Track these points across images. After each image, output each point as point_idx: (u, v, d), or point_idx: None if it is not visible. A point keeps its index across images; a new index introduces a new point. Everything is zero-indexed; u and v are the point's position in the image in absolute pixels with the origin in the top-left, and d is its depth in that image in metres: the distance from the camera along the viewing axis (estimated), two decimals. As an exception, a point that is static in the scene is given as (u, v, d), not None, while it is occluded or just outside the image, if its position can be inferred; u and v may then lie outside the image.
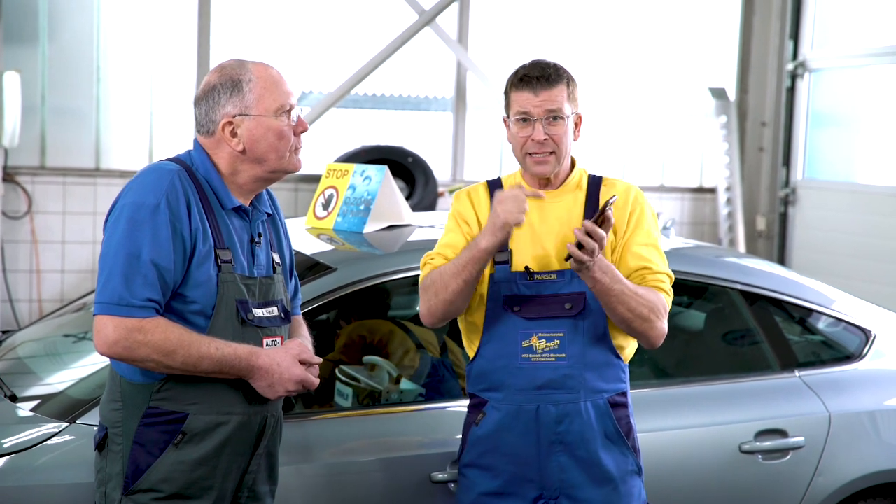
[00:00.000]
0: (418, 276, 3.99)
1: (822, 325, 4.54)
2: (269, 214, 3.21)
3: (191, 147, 3.13)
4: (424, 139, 9.38)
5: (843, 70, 9.75)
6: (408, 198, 8.43)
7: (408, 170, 8.69)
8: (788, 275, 4.72)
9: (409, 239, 4.38)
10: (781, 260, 10.03)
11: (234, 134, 3.03)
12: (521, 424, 3.32)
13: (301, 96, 8.97)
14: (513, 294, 3.30)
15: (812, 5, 9.89)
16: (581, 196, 3.39)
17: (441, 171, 9.33)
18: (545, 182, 3.38)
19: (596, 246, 3.08)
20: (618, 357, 3.36)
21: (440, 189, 8.95)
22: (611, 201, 3.14)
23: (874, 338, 4.46)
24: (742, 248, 9.64)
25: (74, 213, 8.25)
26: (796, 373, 4.29)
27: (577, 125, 3.37)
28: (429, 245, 4.32)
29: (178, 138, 8.54)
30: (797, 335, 4.50)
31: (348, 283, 3.85)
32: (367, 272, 3.92)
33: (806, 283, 4.58)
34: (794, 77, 10.02)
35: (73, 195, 8.24)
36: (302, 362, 3.05)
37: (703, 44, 10.10)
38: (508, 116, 3.36)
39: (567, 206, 3.37)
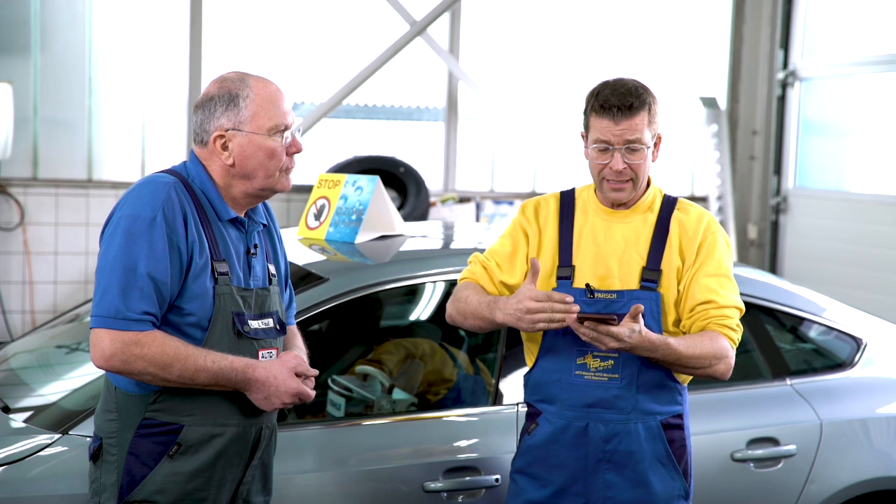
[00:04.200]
0: (410, 286, 4.00)
1: (813, 333, 4.55)
2: (264, 225, 3.20)
3: (185, 158, 3.12)
4: (416, 149, 9.40)
5: (833, 79, 9.78)
6: (399, 208, 8.44)
7: (399, 180, 8.70)
8: (780, 283, 4.73)
9: (401, 249, 4.38)
10: (773, 268, 10.05)
11: (224, 147, 3.02)
12: (570, 439, 3.32)
13: (293, 107, 8.97)
14: None
15: (802, 14, 9.93)
16: (651, 218, 3.35)
17: (433, 182, 9.34)
18: (619, 202, 3.36)
19: (604, 343, 3.07)
20: (674, 380, 3.34)
21: (432, 199, 8.96)
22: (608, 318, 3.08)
23: (865, 346, 4.47)
24: (734, 256, 9.65)
25: (67, 224, 8.24)
26: (788, 381, 4.29)
27: (656, 145, 3.33)
28: (421, 255, 4.34)
29: (169, 150, 8.54)
30: (789, 343, 4.51)
31: (340, 293, 3.85)
32: (358, 282, 3.92)
33: (797, 292, 4.59)
34: (784, 86, 10.05)
35: (66, 206, 8.24)
36: (298, 374, 3.05)
37: (694, 53, 10.13)
38: (587, 138, 3.32)
39: (635, 227, 3.34)
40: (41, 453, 3.36)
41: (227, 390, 2.97)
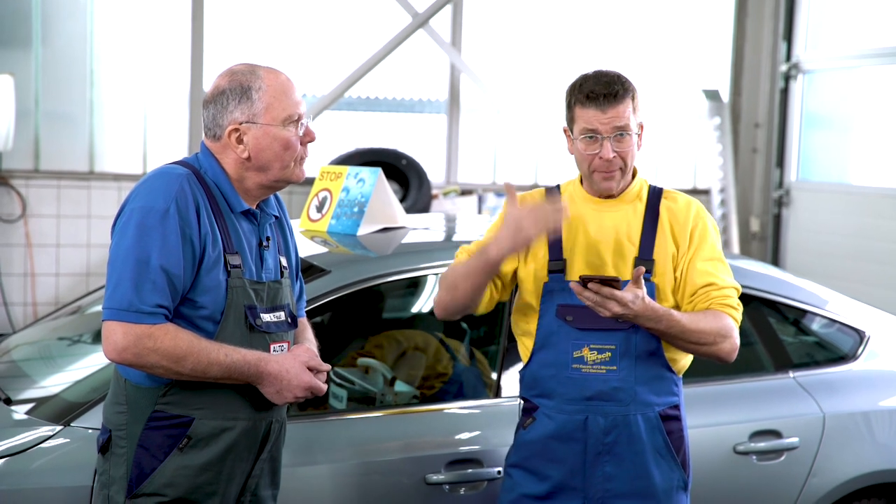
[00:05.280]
0: (412, 278, 3.99)
1: (816, 326, 4.55)
2: (276, 217, 3.19)
3: (188, 150, 3.11)
4: (418, 142, 9.39)
5: (836, 71, 9.77)
6: (402, 200, 8.44)
7: (402, 172, 8.70)
8: (782, 276, 4.73)
9: (403, 241, 4.38)
10: (775, 261, 10.05)
11: (239, 141, 3.00)
12: (568, 433, 3.30)
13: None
14: (566, 304, 3.25)
15: (805, 7, 9.91)
16: (640, 207, 3.34)
17: (435, 174, 9.34)
18: (608, 193, 3.35)
19: (608, 307, 3.03)
20: (671, 370, 3.32)
21: (434, 191, 8.96)
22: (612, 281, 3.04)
23: (868, 338, 4.47)
24: (736, 249, 9.66)
25: (68, 216, 8.25)
26: (790, 374, 4.29)
27: (639, 135, 3.32)
28: (423, 247, 4.34)
29: (171, 142, 8.53)
30: (791, 336, 4.51)
31: (342, 285, 3.85)
32: (361, 274, 3.92)
33: (800, 284, 4.59)
34: (787, 78, 10.04)
35: (67, 199, 8.24)
36: (310, 369, 3.04)
37: (697, 46, 10.12)
38: (571, 131, 3.30)
39: (626, 216, 3.33)
40: (43, 445, 3.35)
41: (239, 383, 2.97)
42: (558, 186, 3.46)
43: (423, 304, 5.10)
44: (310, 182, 5.19)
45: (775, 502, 4.10)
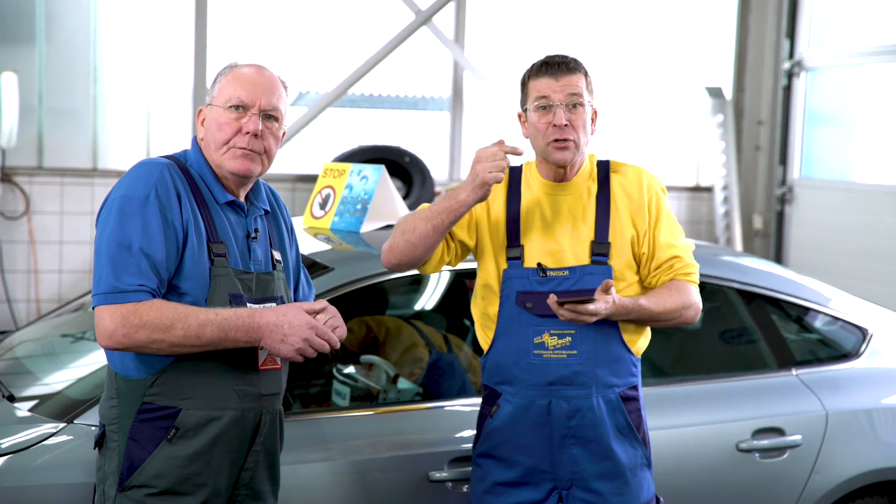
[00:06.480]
0: (415, 275, 4.00)
1: (818, 323, 4.54)
2: (266, 211, 3.20)
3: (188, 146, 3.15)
4: (421, 139, 9.38)
5: (839, 68, 9.76)
6: (405, 197, 8.44)
7: (405, 169, 8.70)
8: (785, 273, 4.73)
9: (407, 238, 4.37)
10: (778, 258, 10.04)
11: (203, 123, 3.09)
12: (533, 418, 3.34)
13: (298, 96, 8.97)
14: (525, 290, 3.30)
15: (808, 4, 9.90)
16: (594, 188, 3.38)
17: (438, 171, 9.33)
18: (560, 174, 3.37)
19: (583, 320, 3.18)
20: (629, 352, 3.38)
21: (437, 188, 8.95)
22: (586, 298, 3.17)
23: (871, 336, 4.47)
24: (739, 246, 9.66)
25: (72, 213, 8.24)
26: (793, 371, 4.29)
27: (592, 120, 3.37)
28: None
29: (175, 138, 8.54)
30: (794, 333, 4.50)
31: (345, 282, 3.86)
32: (364, 272, 3.92)
33: (803, 282, 4.59)
34: (790, 76, 10.03)
35: (71, 195, 8.24)
36: (307, 312, 2.97)
37: (700, 43, 10.10)
38: (526, 107, 3.34)
39: (580, 199, 3.37)
40: (46, 442, 3.36)
41: (241, 347, 2.94)
42: (521, 166, 3.49)
43: (426, 301, 5.10)
44: (313, 179, 5.20)
45: (778, 500, 4.11)
